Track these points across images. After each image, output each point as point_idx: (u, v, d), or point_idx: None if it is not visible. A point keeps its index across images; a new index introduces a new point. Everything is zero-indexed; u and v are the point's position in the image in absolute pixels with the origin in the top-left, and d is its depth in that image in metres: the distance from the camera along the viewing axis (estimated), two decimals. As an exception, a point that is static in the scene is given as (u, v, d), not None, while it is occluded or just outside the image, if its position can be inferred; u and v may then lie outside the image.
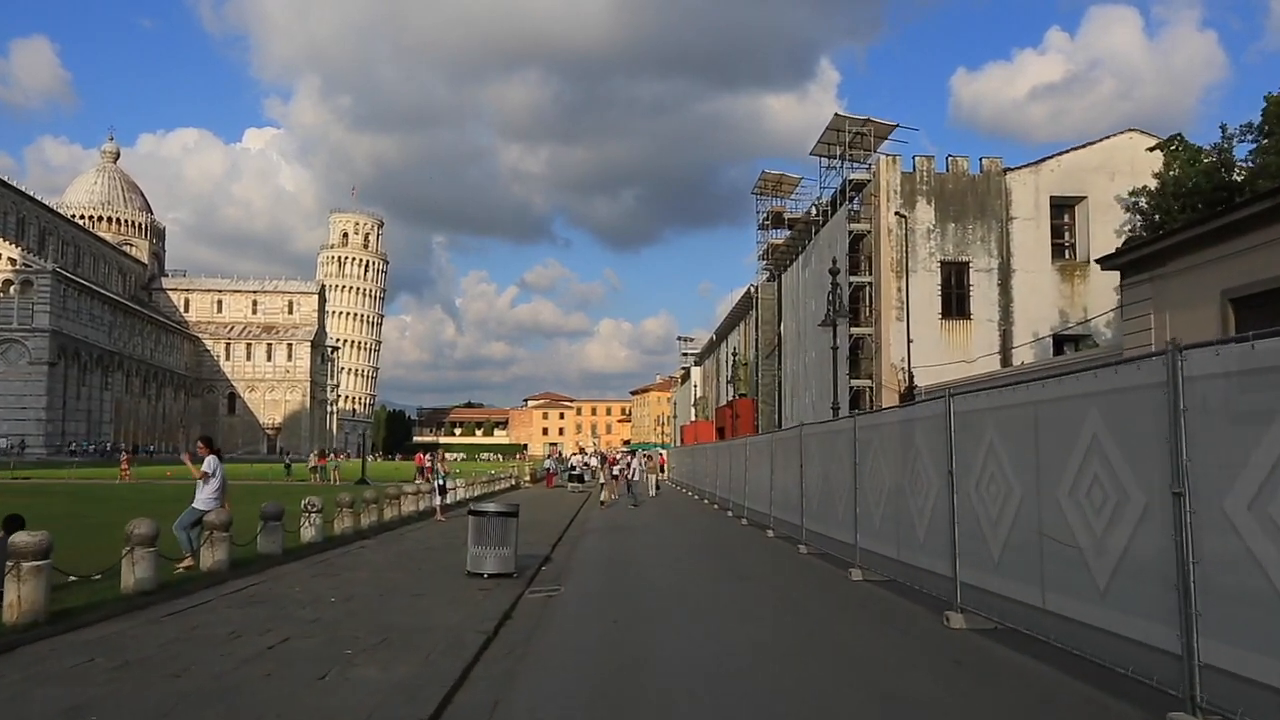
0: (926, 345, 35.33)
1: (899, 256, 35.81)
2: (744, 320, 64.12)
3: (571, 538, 18.45)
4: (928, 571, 8.54)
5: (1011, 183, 36.05)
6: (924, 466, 8.61)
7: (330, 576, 11.29)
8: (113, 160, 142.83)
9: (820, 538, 13.26)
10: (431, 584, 10.98)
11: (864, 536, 10.77)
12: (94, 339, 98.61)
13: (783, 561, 13.63)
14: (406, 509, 21.36)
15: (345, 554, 13.84)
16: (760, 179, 55.46)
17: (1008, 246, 35.89)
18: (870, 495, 10.49)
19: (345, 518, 15.91)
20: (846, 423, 11.76)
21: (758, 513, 19.40)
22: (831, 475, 12.31)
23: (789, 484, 15.44)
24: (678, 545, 17.19)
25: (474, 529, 11.68)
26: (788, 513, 15.69)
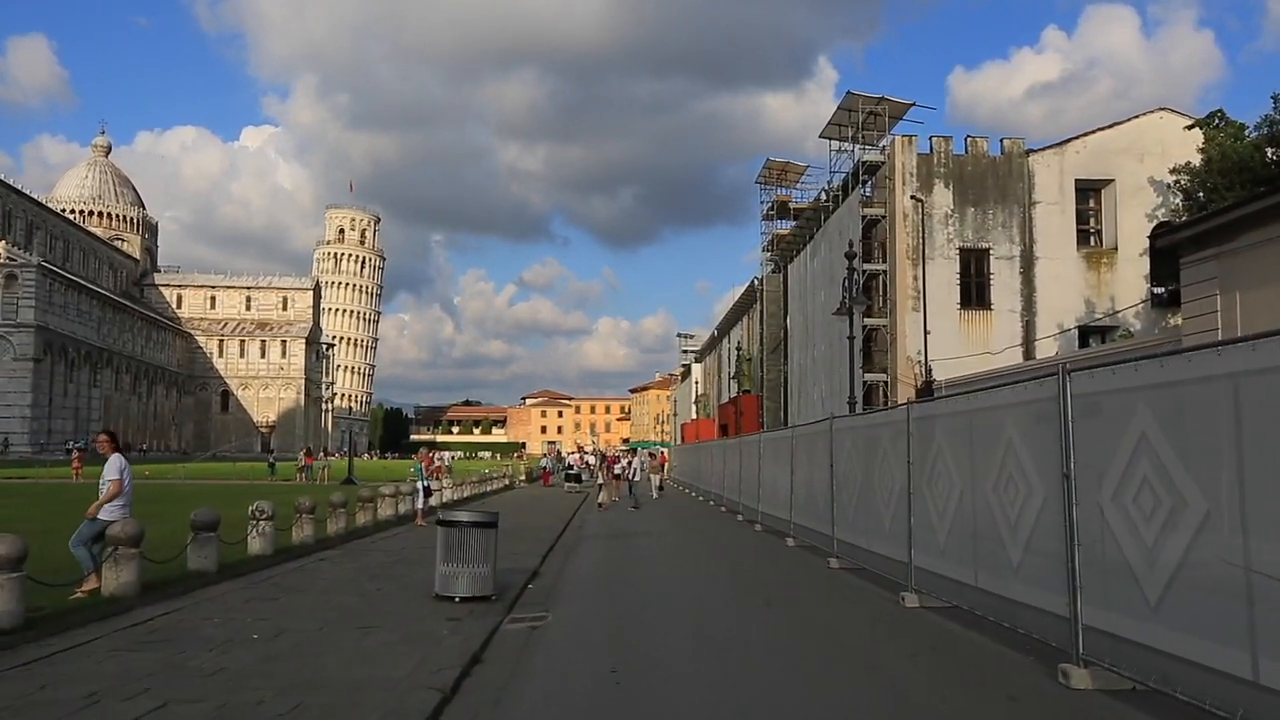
0: (944, 337, 33.31)
1: (915, 243, 33.79)
2: (747, 314, 62.07)
3: (565, 546, 16.43)
4: (1027, 606, 6.49)
5: (1034, 165, 34.01)
6: (1021, 467, 6.57)
7: (267, 601, 9.24)
8: (104, 154, 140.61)
9: (857, 551, 11.24)
10: (389, 611, 8.95)
11: (923, 554, 8.73)
12: (82, 335, 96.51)
13: (816, 580, 11.58)
14: (385, 513, 19.33)
15: (298, 570, 11.80)
16: (764, 167, 53.45)
17: (1030, 232, 33.86)
18: (931, 504, 8.45)
19: (305, 525, 13.84)
20: (895, 414, 9.74)
21: (774, 518, 17.38)
22: (874, 478, 10.27)
23: (815, 487, 13.42)
24: (685, 556, 15.17)
25: (444, 543, 9.65)
26: (813, 520, 13.66)
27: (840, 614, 9.31)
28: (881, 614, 9.11)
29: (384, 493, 19.39)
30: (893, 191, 34.30)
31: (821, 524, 13.05)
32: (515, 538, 17.20)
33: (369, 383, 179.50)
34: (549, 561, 14.08)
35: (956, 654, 7.27)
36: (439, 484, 29.08)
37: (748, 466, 20.81)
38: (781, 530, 16.58)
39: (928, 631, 8.17)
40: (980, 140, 34.38)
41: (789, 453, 15.56)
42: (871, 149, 35.92)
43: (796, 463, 14.93)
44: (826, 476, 12.57)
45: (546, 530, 19.13)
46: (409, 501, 20.64)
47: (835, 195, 38.18)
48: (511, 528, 19.22)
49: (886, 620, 8.73)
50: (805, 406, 43.11)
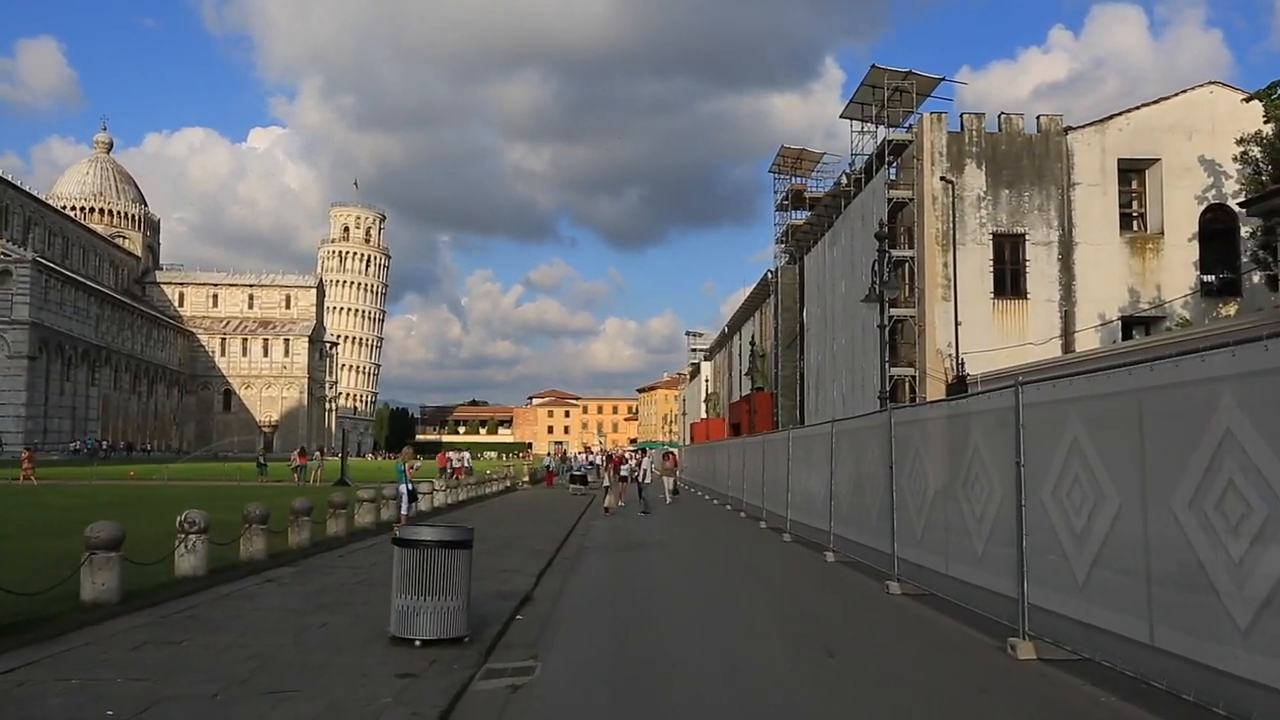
0: (976, 328, 30.99)
1: (945, 228, 31.47)
2: (760, 309, 59.74)
3: (566, 560, 14.17)
4: (1231, 678, 4.27)
5: (1074, 144, 31.63)
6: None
7: (164, 647, 7.00)
8: (106, 151, 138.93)
9: (926, 574, 8.94)
10: (323, 664, 6.70)
11: (1041, 588, 6.44)
12: (79, 332, 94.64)
13: (880, 614, 9.24)
14: (363, 520, 17.10)
15: (230, 597, 9.56)
16: (779, 155, 51.30)
17: (1069, 216, 31.49)
18: (1058, 520, 6.17)
19: (255, 537, 11.61)
20: (989, 402, 7.45)
21: (807, 527, 15.08)
22: (960, 485, 7.98)
23: (865, 494, 11.14)
24: (706, 574, 12.89)
25: (401, 569, 7.41)
26: (862, 533, 11.37)
27: (929, 668, 7.01)
28: (980, 662, 6.84)
29: (362, 497, 17.15)
30: (921, 172, 31.97)
31: (874, 538, 10.77)
32: (509, 550, 14.98)
33: (374, 382, 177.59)
34: (545, 581, 11.83)
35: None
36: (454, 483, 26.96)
37: (772, 468, 18.52)
38: (817, 543, 14.29)
39: (1044, 688, 5.93)
40: (1015, 117, 32.03)
41: (827, 452, 13.27)
42: (897, 129, 33.57)
43: (839, 464, 12.64)
44: (882, 481, 10.29)
45: (546, 540, 16.88)
46: (393, 507, 18.37)
47: (857, 178, 35.85)
48: (506, 537, 17.01)
49: (996, 675, 6.46)
50: (824, 404, 40.80)
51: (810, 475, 14.64)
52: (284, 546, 13.12)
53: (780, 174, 53.53)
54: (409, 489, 17.50)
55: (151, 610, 8.38)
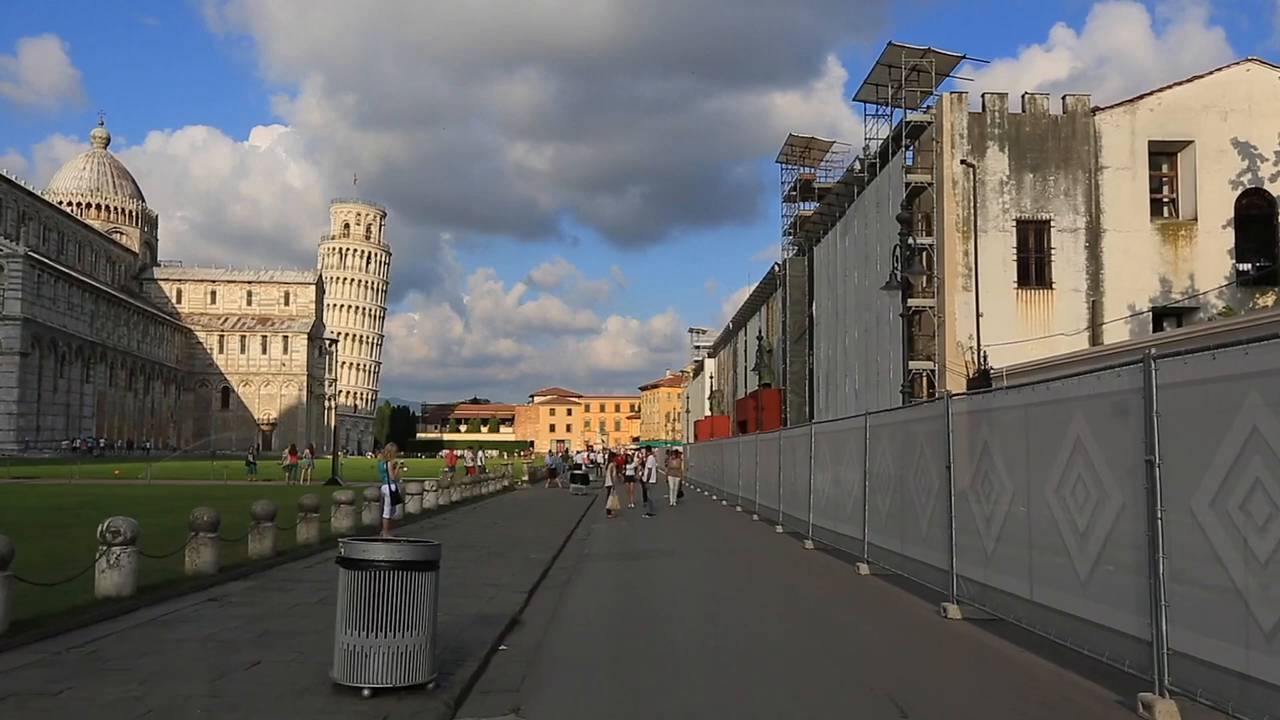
0: (999, 320, 29.34)
1: (966, 214, 29.84)
2: (767, 303, 58.09)
3: (562, 572, 12.57)
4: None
5: (1101, 125, 29.97)
6: None
7: (28, 702, 5.39)
8: (103, 146, 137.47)
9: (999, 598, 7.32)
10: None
11: (1189, 631, 4.81)
12: (74, 329, 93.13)
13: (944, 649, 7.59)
14: (341, 524, 15.50)
15: (156, 622, 7.95)
16: (786, 143, 49.62)
17: (1097, 201, 29.84)
18: (1221, 540, 4.53)
19: (202, 548, 10.01)
20: (1098, 384, 5.81)
21: (832, 534, 13.45)
22: (1046, 491, 6.35)
23: (913, 499, 9.51)
24: (725, 589, 11.29)
25: (346, 597, 5.79)
26: (907, 545, 9.76)
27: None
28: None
29: (338, 499, 15.54)
30: (940, 155, 30.32)
31: (924, 551, 9.15)
32: (500, 559, 13.39)
33: (375, 380, 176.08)
34: (538, 599, 10.23)
35: None
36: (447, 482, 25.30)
37: (791, 468, 16.89)
38: (847, 552, 12.66)
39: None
40: (1040, 97, 30.38)
41: (860, 450, 11.64)
42: (915, 112, 31.89)
43: (875, 463, 11.02)
44: (936, 483, 8.68)
45: (542, 547, 15.27)
46: (375, 510, 16.75)
47: (872, 163, 34.20)
48: (499, 544, 15.42)
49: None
50: (836, 400, 39.19)
51: (838, 476, 13.02)
52: (242, 557, 11.54)
53: (788, 164, 51.88)
54: (392, 490, 15.90)
55: (45, 644, 6.77)
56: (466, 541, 15.79)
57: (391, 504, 15.93)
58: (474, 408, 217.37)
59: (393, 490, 15.90)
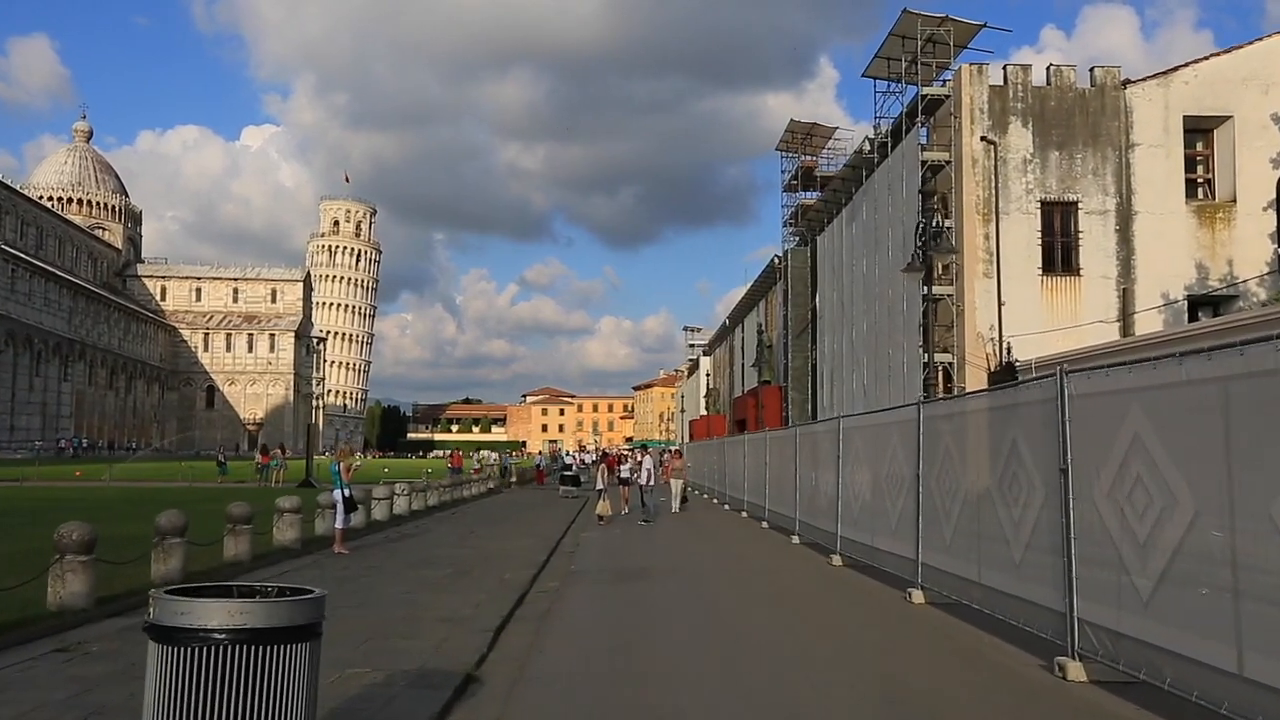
0: (1022, 309, 27.21)
1: (987, 195, 27.66)
2: (767, 297, 55.86)
3: (541, 598, 10.29)
4: None
5: (1133, 99, 27.80)
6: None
7: None
8: (85, 140, 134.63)
9: (1154, 655, 5.02)
10: None
11: None
12: (50, 325, 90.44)
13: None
14: (284, 536, 13.17)
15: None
16: (787, 130, 47.43)
17: (1128, 182, 27.67)
18: None
19: (70, 576, 7.69)
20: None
21: (870, 550, 11.16)
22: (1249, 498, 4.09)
23: (997, 513, 7.23)
24: (746, 622, 9.01)
25: (157, 692, 3.45)
26: (987, 570, 7.48)
27: None
28: None
29: (282, 507, 13.21)
30: (959, 132, 28.10)
31: (1012, 580, 6.89)
32: (467, 580, 11.12)
33: (364, 379, 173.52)
34: (506, 641, 7.94)
35: None
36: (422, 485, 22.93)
37: (809, 470, 14.60)
38: (888, 572, 10.39)
39: None
40: (1066, 69, 28.19)
41: (910, 449, 9.36)
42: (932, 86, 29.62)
43: (932, 467, 8.73)
44: (1038, 494, 6.41)
45: (520, 562, 12.99)
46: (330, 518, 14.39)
47: (883, 142, 31.95)
48: (469, 559, 13.12)
49: None
50: (842, 396, 36.96)
51: (877, 481, 10.74)
52: (141, 582, 9.22)
53: (789, 152, 49.67)
54: (345, 495, 13.59)
55: None
56: (431, 556, 13.48)
57: (345, 511, 13.63)
58: (465, 408, 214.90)
59: (346, 495, 13.59)
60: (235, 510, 11.37)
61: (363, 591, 10.02)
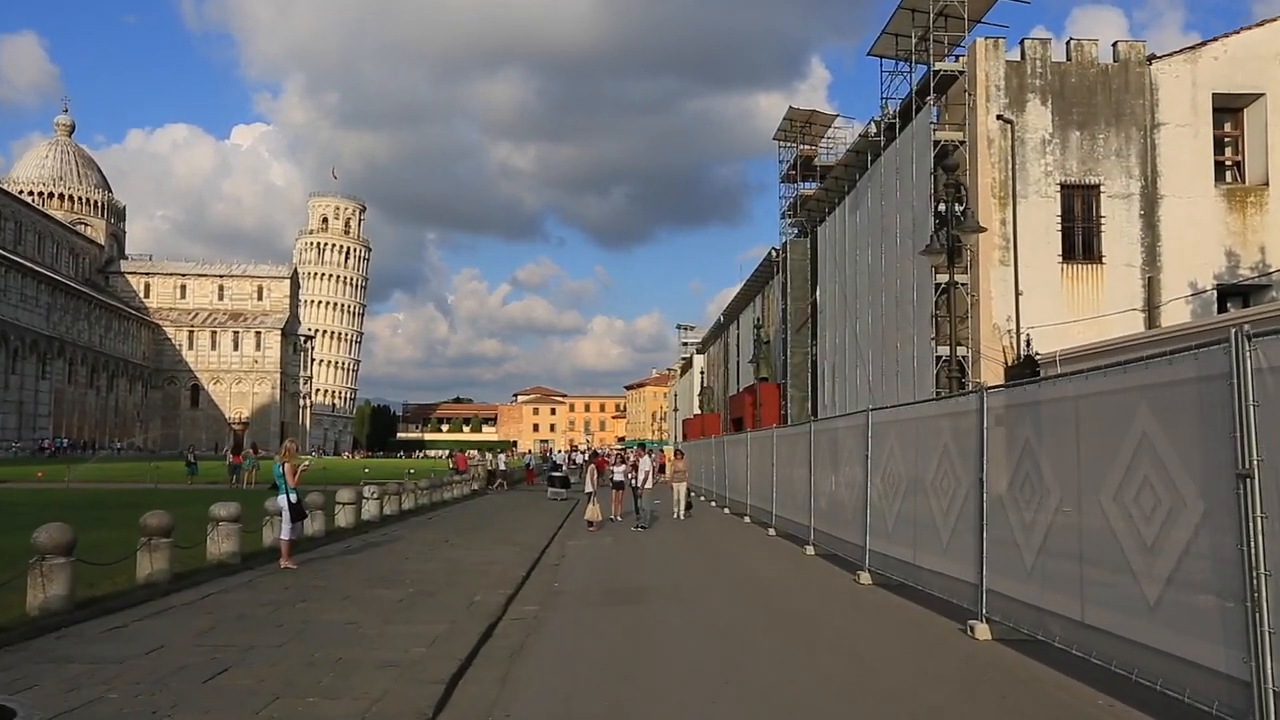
0: (1041, 298, 25.53)
1: (1003, 177, 25.95)
2: (763, 292, 54.09)
3: (515, 627, 8.47)
4: None
5: (1159, 76, 26.10)
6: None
7: None
8: (67, 134, 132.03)
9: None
10: None
11: None
12: (27, 322, 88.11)
13: None
14: (221, 549, 11.30)
15: None
16: (785, 118, 45.62)
17: (1153, 163, 25.98)
18: None
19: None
20: None
21: (910, 568, 9.33)
22: None
23: (1114, 531, 5.39)
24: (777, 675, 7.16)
25: None
26: (1091, 607, 5.63)
27: None
28: None
29: (218, 515, 11.33)
30: (973, 110, 26.35)
31: (1122, 618, 5.07)
32: (426, 604, 9.29)
33: (353, 378, 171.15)
34: (467, 687, 6.14)
35: None
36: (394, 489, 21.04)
37: (826, 473, 12.78)
38: (935, 596, 8.58)
39: None
40: (1088, 44, 26.47)
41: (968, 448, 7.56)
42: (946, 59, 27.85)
43: (1012, 473, 6.92)
44: (1171, 507, 4.60)
45: (496, 578, 11.16)
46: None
47: (890, 123, 30.17)
48: (432, 578, 11.26)
49: None
50: (845, 393, 35.21)
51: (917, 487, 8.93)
52: (16, 614, 7.37)
53: (787, 141, 47.89)
54: (292, 501, 11.72)
55: None
56: (393, 571, 11.63)
57: (291, 519, 11.76)
58: (456, 407, 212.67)
59: (292, 502, 11.72)
60: (151, 521, 9.50)
61: (295, 622, 8.17)
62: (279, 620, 8.23)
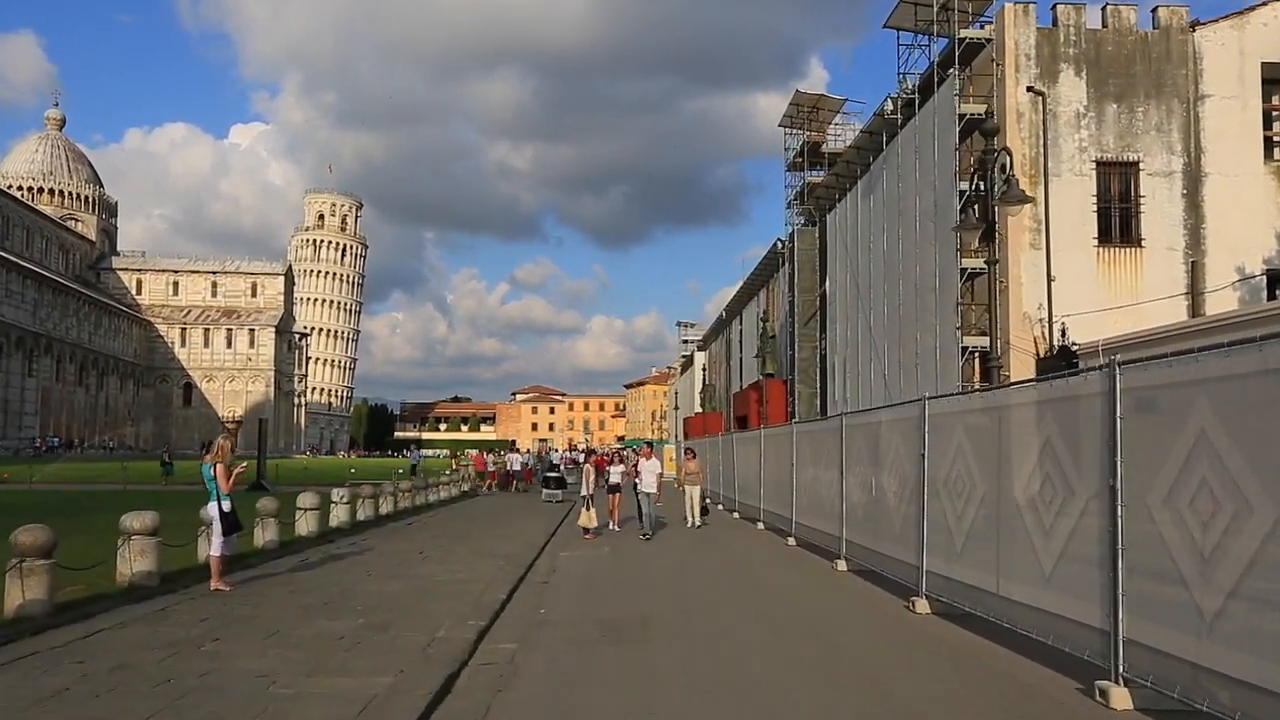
0: (1075, 285, 23.63)
1: (1034, 154, 24.03)
2: (768, 285, 52.09)
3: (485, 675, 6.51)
4: None
5: (1203, 44, 24.16)
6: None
7: None
8: (57, 128, 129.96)
9: None
10: None
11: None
12: (12, 318, 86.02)
13: None
14: (134, 567, 9.31)
15: None
16: (792, 103, 43.57)
17: (1197, 139, 24.05)
18: None
19: None
20: None
21: (990, 598, 7.32)
22: None
23: None
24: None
25: None
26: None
27: None
28: None
29: (131, 527, 9.32)
30: (1001, 82, 24.39)
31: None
32: (380, 640, 7.29)
33: (350, 377, 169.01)
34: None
35: None
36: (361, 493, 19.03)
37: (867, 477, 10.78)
38: (1030, 638, 6.56)
39: None
40: (1125, 9, 24.49)
41: (1081, 445, 5.57)
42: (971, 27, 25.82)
43: (1166, 476, 4.93)
44: None
45: (470, 602, 9.17)
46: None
47: (909, 99, 28.14)
48: (400, 599, 9.25)
49: None
50: (858, 389, 33.21)
51: (997, 496, 6.94)
52: None
53: (793, 127, 45.81)
54: (224, 510, 9.71)
55: None
56: (346, 594, 9.62)
57: (224, 532, 9.75)
58: (454, 406, 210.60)
59: (225, 511, 9.71)
60: (24, 538, 7.48)
61: (188, 675, 6.16)
62: (168, 673, 6.23)
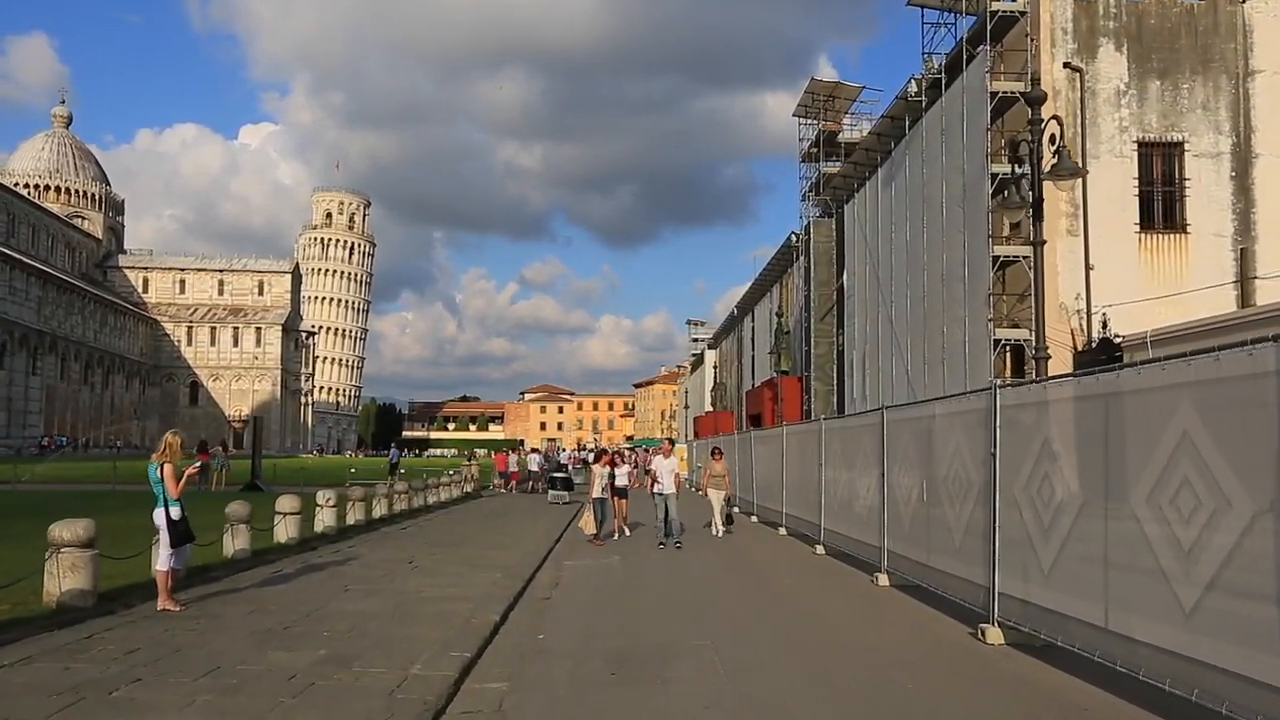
0: (1115, 273, 22.20)
1: (1071, 134, 22.52)
2: (782, 279, 50.62)
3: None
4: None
5: (1253, 16, 22.67)
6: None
7: None
8: (64, 125, 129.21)
9: None
10: None
11: None
12: (16, 315, 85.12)
13: None
14: (62, 586, 7.96)
15: None
16: (807, 92, 42.04)
17: (1246, 117, 22.56)
18: None
19: None
20: None
21: (1101, 634, 5.87)
22: None
23: None
24: None
25: None
26: None
27: None
28: None
29: (60, 538, 7.97)
30: (1035, 57, 22.92)
31: None
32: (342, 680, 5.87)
33: (358, 376, 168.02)
34: None
35: None
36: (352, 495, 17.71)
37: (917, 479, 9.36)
38: (1158, 688, 5.13)
39: None
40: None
41: (1245, 445, 4.17)
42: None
43: None
44: None
45: (456, 626, 7.81)
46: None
47: (935, 79, 26.65)
48: (379, 620, 7.83)
49: None
50: (879, 385, 31.72)
51: (1116, 504, 5.52)
52: None
53: (808, 117, 44.30)
54: (172, 517, 8.36)
55: None
56: (314, 617, 8.26)
57: (172, 543, 8.39)
58: (463, 405, 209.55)
59: (173, 519, 8.37)
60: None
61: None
62: None
